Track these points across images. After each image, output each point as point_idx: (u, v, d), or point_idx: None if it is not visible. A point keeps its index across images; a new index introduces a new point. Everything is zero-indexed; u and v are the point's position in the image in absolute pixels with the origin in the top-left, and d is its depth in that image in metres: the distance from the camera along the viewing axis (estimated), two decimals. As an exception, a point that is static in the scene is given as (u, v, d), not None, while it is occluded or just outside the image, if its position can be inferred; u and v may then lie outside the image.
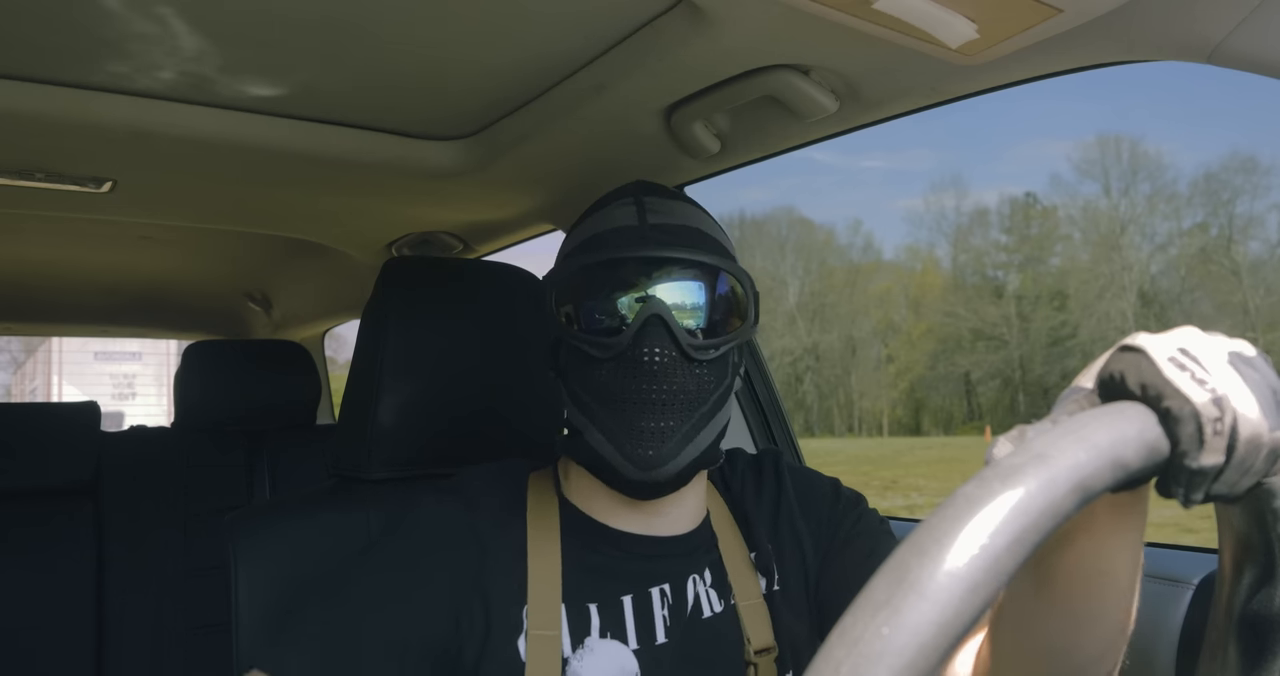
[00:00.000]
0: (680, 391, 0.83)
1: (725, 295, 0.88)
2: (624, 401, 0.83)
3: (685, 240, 0.87)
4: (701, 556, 0.92)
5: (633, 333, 0.83)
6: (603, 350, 0.84)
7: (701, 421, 0.85)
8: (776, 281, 57.28)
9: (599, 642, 0.85)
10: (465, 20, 0.96)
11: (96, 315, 3.09)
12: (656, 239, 0.86)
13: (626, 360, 0.83)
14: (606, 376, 0.84)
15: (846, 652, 0.31)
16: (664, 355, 0.82)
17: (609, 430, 0.84)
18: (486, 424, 1.17)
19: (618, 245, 0.87)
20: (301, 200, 1.65)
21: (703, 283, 0.87)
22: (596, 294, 0.87)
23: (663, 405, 0.83)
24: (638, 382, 0.83)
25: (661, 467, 0.83)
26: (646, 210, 0.89)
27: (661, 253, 0.85)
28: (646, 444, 0.83)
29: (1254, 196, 53.19)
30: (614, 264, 0.86)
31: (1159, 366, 0.42)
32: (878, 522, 0.97)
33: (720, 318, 0.88)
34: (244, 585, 1.02)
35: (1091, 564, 0.55)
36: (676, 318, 0.83)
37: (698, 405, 0.85)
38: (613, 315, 0.86)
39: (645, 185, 0.94)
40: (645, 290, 0.85)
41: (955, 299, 54.59)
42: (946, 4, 0.78)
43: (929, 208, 73.33)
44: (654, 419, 0.83)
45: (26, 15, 0.92)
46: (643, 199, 0.90)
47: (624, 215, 0.89)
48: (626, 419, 0.83)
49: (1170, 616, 1.00)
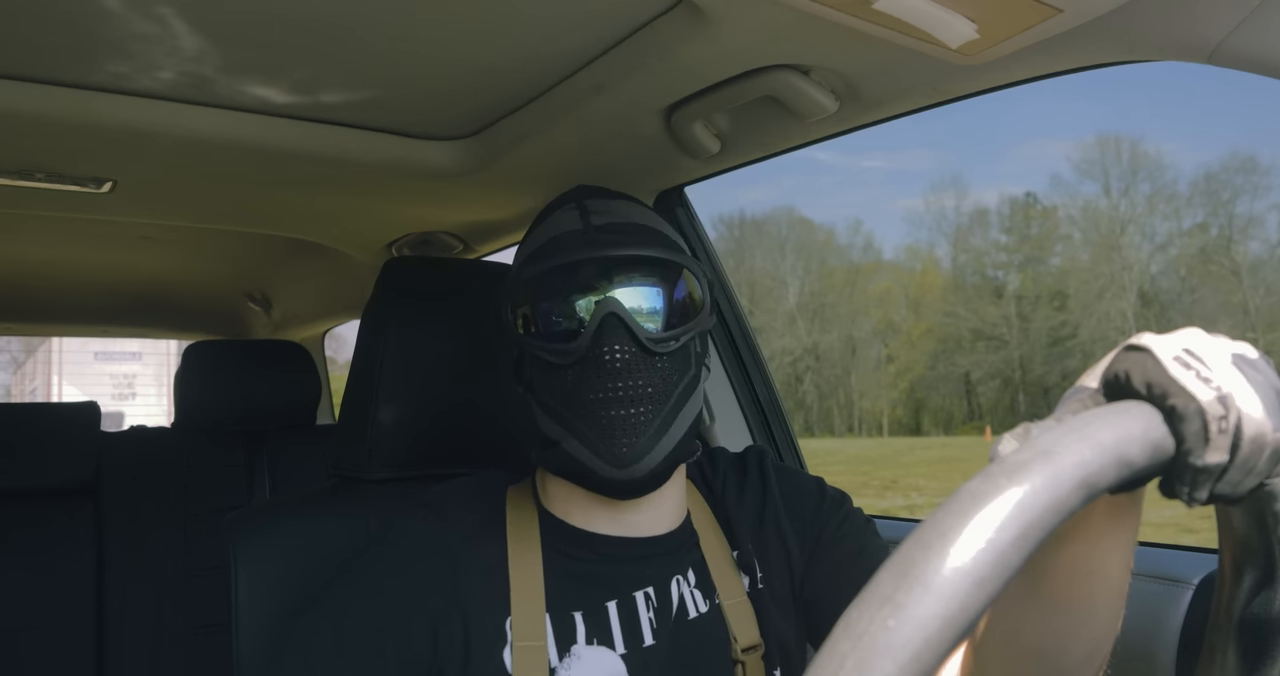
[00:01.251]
0: (646, 385, 0.84)
1: (678, 285, 0.89)
2: (592, 403, 0.84)
3: (631, 237, 0.88)
4: (684, 556, 0.93)
5: (591, 333, 0.83)
6: (564, 356, 0.85)
7: (671, 414, 0.86)
8: (776, 281, 57.30)
9: (586, 649, 0.85)
10: (465, 20, 0.96)
11: (96, 315, 3.09)
12: (602, 240, 0.87)
13: (589, 362, 0.84)
14: (572, 381, 0.85)
15: (851, 645, 0.31)
16: (624, 351, 0.83)
17: (582, 434, 0.85)
18: (487, 424, 1.17)
19: (565, 250, 0.87)
20: (301, 200, 1.65)
21: (654, 277, 0.88)
22: (550, 300, 0.88)
23: (630, 401, 0.83)
24: (602, 382, 0.83)
25: (638, 463, 0.83)
26: (589, 212, 0.90)
27: (608, 252, 0.86)
28: (620, 441, 0.83)
29: (1254, 196, 53.21)
30: (563, 269, 0.87)
31: (1164, 365, 0.43)
32: (864, 521, 0.98)
33: (676, 309, 0.88)
34: (244, 585, 1.02)
35: (1085, 564, 0.55)
36: (632, 314, 0.84)
37: (665, 398, 0.85)
38: (569, 319, 0.86)
39: (586, 189, 0.95)
40: (598, 290, 0.85)
41: (955, 299, 54.64)
42: (946, 4, 0.78)
43: (929, 208, 73.34)
44: (624, 413, 0.83)
45: (26, 15, 0.92)
46: (584, 202, 0.91)
47: (567, 220, 0.90)
48: (596, 420, 0.84)
49: (1170, 616, 1.00)
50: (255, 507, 1.14)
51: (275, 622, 1.00)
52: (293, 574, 1.03)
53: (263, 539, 1.05)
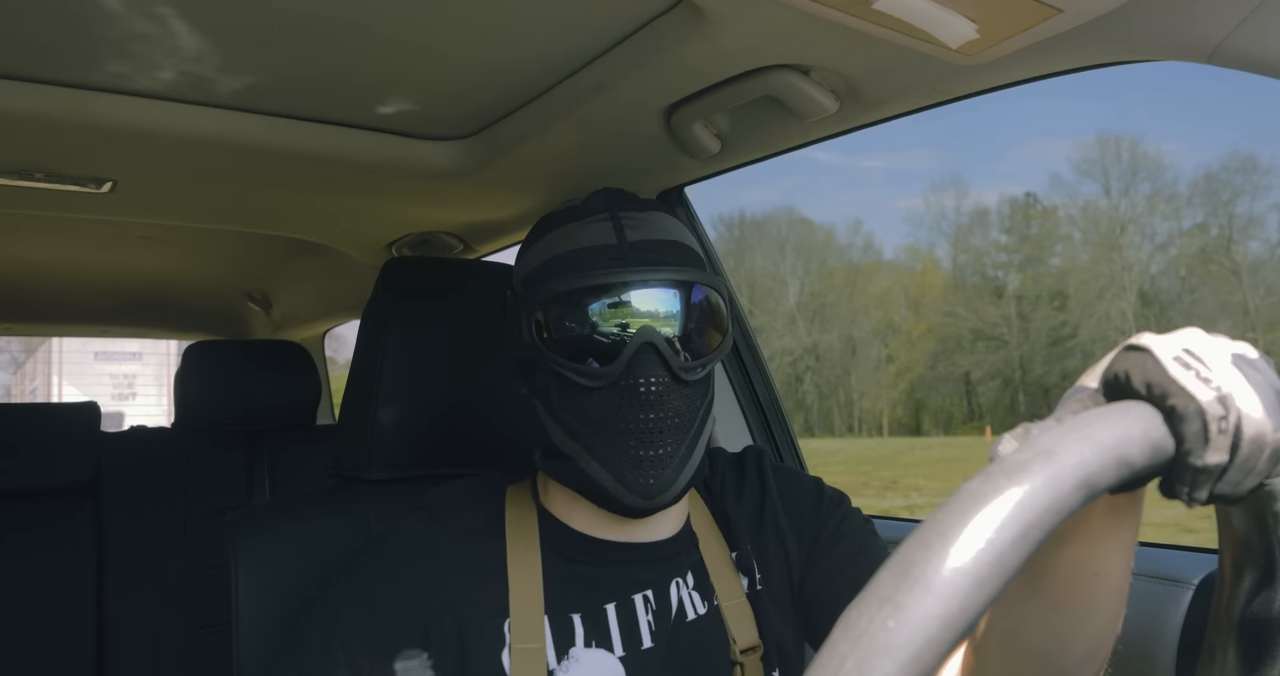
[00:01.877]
0: (675, 415, 0.82)
1: (708, 311, 0.87)
2: (620, 432, 0.82)
3: (667, 257, 0.85)
4: (683, 559, 0.92)
5: (626, 362, 0.81)
6: (594, 379, 0.82)
7: (693, 442, 0.85)
8: (776, 281, 57.32)
9: (584, 652, 0.85)
10: (465, 20, 0.96)
11: (96, 315, 3.09)
12: (638, 258, 0.84)
13: (620, 389, 0.82)
14: (598, 405, 0.83)
15: (851, 646, 0.31)
16: (658, 383, 0.81)
17: (604, 458, 0.83)
18: (487, 424, 1.17)
19: (598, 267, 0.83)
20: (301, 200, 1.65)
21: (687, 301, 0.85)
22: (581, 320, 0.84)
23: (660, 433, 0.82)
24: (634, 412, 0.81)
25: (662, 494, 0.83)
26: (624, 226, 0.86)
27: (647, 275, 0.83)
28: (648, 473, 0.82)
29: (1254, 196, 53.21)
30: (598, 290, 0.84)
31: (1164, 365, 0.43)
32: (862, 521, 0.97)
33: (705, 335, 0.86)
34: (244, 585, 1.02)
35: (1085, 564, 0.55)
36: (666, 340, 0.82)
37: (690, 426, 0.84)
38: (601, 342, 0.83)
39: (617, 197, 0.90)
40: (635, 316, 0.83)
41: (955, 299, 54.64)
42: (946, 4, 0.78)
43: (929, 208, 73.37)
44: (653, 447, 0.82)
45: (27, 15, 0.92)
46: (618, 214, 0.87)
47: (599, 232, 0.86)
48: (624, 448, 0.82)
49: (1170, 616, 1.00)
50: (255, 508, 1.14)
51: (275, 623, 1.00)
52: (293, 574, 1.03)
53: (263, 539, 1.05)
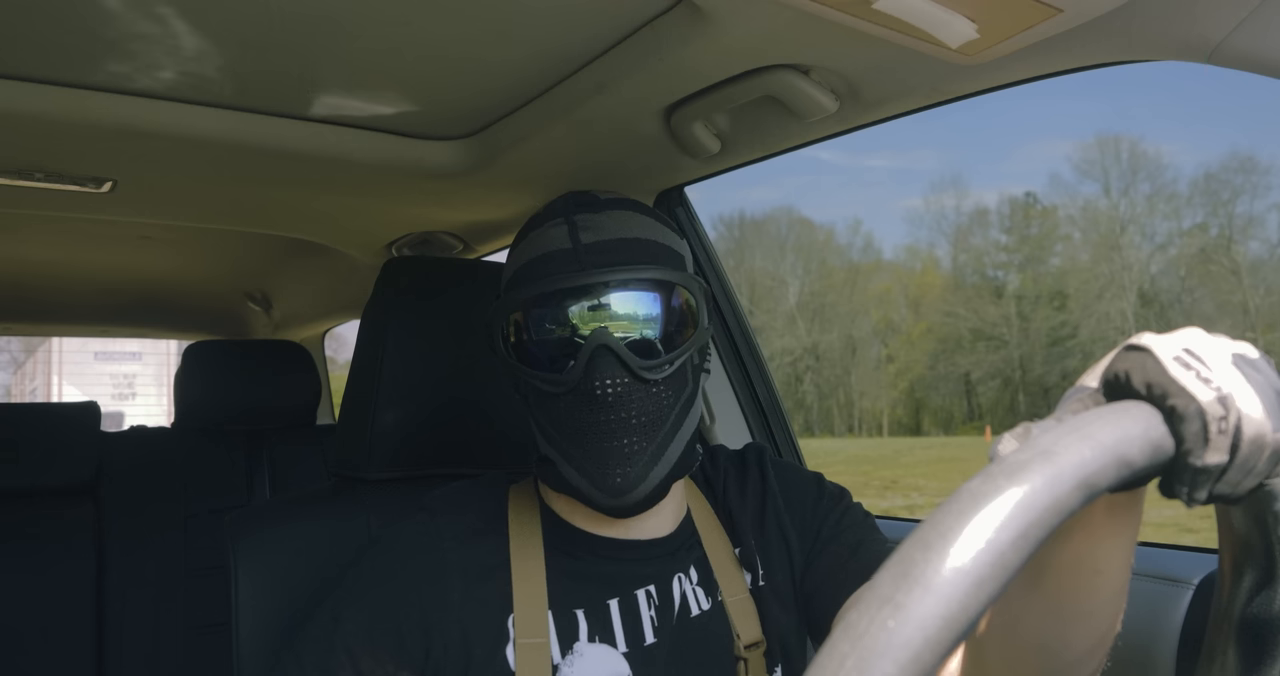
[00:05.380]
0: (639, 414, 0.83)
1: (673, 305, 0.86)
2: (584, 433, 0.83)
3: (622, 256, 0.85)
4: (685, 555, 0.93)
5: (582, 366, 0.81)
6: (554, 385, 0.83)
7: (666, 439, 0.85)
8: (776, 281, 57.30)
9: (588, 647, 0.85)
10: (465, 20, 0.96)
11: (96, 315, 3.09)
12: (592, 261, 0.83)
13: (580, 393, 0.82)
14: (564, 409, 0.84)
15: (851, 646, 0.31)
16: (616, 384, 0.81)
17: (576, 461, 0.84)
18: (486, 424, 1.17)
19: (552, 274, 0.84)
20: (301, 200, 1.65)
21: (646, 298, 0.85)
22: (538, 328, 0.86)
23: (624, 431, 0.82)
24: (595, 414, 0.82)
25: (631, 492, 0.83)
26: (579, 229, 0.85)
27: (598, 277, 0.83)
28: (614, 471, 0.82)
29: (1254, 196, 53.15)
30: (551, 297, 0.84)
31: (1164, 365, 0.43)
32: (863, 516, 0.98)
33: (672, 329, 0.86)
34: (244, 585, 1.02)
35: (1086, 563, 0.55)
36: (626, 338, 0.82)
37: (659, 425, 0.84)
38: (559, 348, 0.84)
39: (576, 199, 0.89)
40: (587, 320, 0.83)
41: (955, 299, 54.60)
42: (946, 4, 0.78)
43: (929, 207, 73.35)
44: (616, 445, 0.82)
45: (27, 14, 0.92)
46: (573, 217, 0.86)
47: (556, 237, 0.86)
48: (589, 449, 0.83)
49: (1170, 616, 1.00)
50: (255, 508, 1.14)
51: (275, 623, 1.00)
52: (293, 574, 1.03)
53: (263, 539, 1.05)
